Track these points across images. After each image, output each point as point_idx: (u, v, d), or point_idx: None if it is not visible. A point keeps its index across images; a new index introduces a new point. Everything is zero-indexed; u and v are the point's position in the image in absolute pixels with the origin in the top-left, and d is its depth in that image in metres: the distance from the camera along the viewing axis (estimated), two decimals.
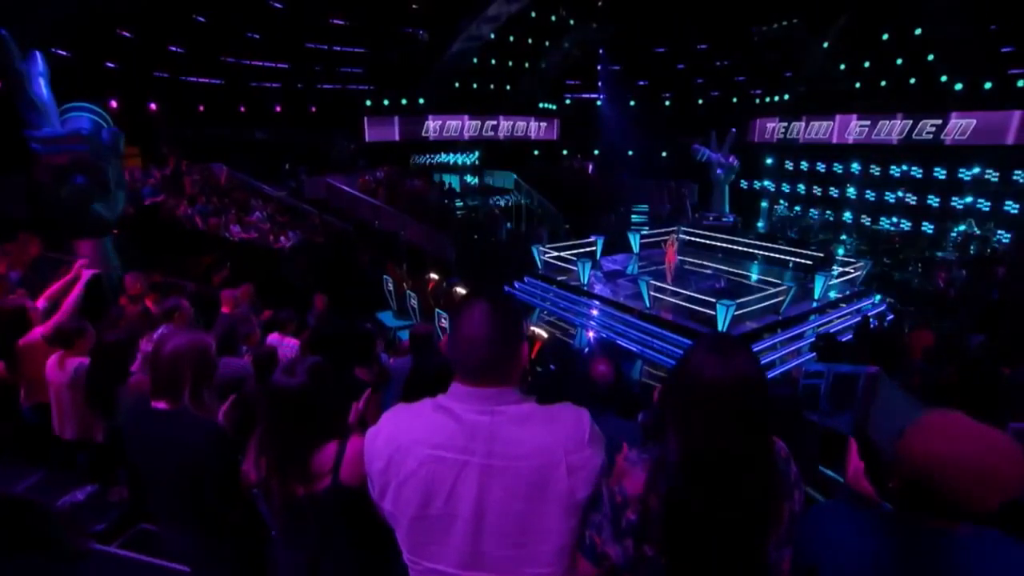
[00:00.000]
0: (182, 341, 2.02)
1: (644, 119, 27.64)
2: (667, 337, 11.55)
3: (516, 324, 1.50)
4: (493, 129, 24.94)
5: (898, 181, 20.38)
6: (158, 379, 1.96)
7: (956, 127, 17.88)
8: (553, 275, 14.97)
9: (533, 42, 24.95)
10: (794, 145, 22.86)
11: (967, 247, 17.89)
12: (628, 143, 28.06)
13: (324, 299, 6.87)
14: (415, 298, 11.15)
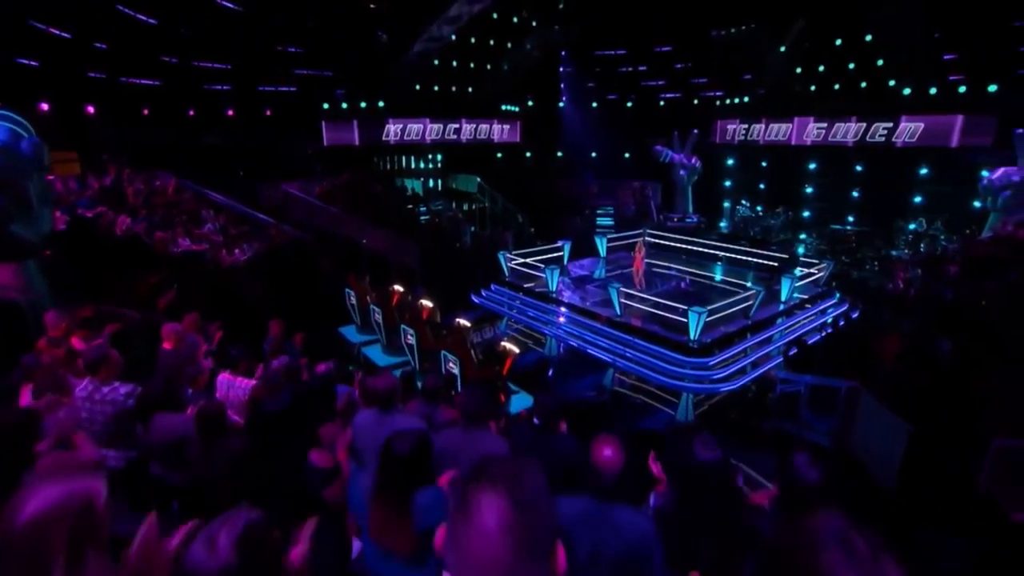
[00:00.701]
0: (50, 499, 1.31)
1: (607, 120, 27.78)
2: (639, 345, 11.41)
3: (546, 525, 1.03)
4: (456, 132, 24.56)
5: (854, 181, 20.93)
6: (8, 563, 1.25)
7: (906, 130, 18.63)
8: (520, 282, 14.77)
9: (495, 44, 24.62)
10: (755, 146, 23.33)
11: (918, 245, 18.56)
12: (591, 145, 28.14)
13: (279, 325, 6.34)
14: (379, 312, 10.65)
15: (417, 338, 9.53)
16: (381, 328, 10.80)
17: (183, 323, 5.44)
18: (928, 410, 6.20)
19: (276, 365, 5.35)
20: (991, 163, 17.12)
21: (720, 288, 14.88)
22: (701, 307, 10.93)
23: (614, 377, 11.42)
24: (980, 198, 17.31)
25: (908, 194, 19.68)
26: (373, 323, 11.07)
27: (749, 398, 9.81)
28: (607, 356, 11.59)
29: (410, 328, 9.60)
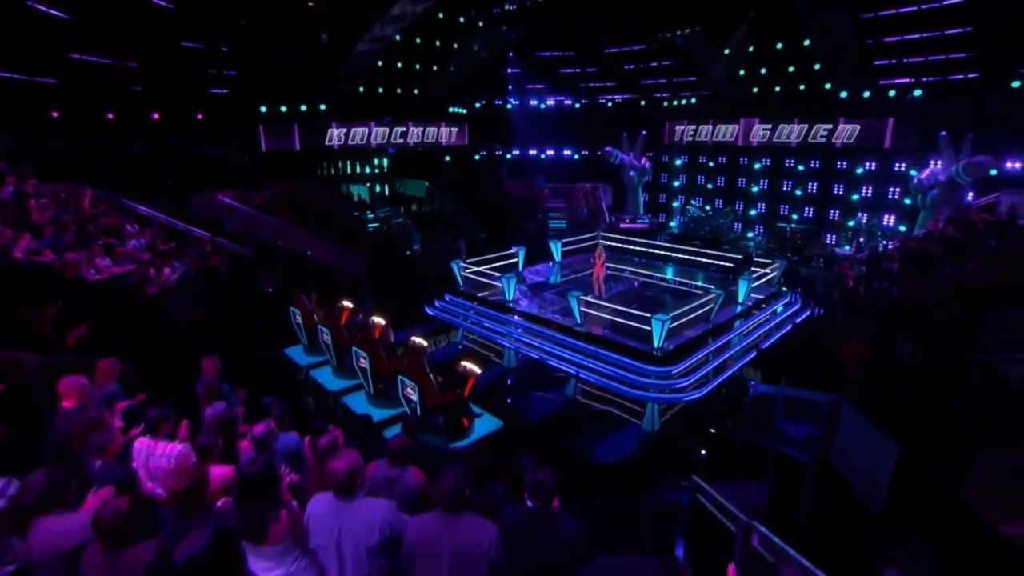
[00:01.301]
0: None
1: (555, 122, 27.59)
2: (602, 355, 11.11)
3: None
4: (402, 136, 23.76)
5: (797, 180, 21.56)
6: None
7: (844, 131, 19.33)
8: (475, 291, 14.31)
9: (441, 44, 23.90)
10: (703, 147, 23.68)
11: (858, 241, 19.14)
12: (541, 145, 27.96)
13: (214, 364, 5.55)
14: (327, 333, 9.86)
15: (370, 361, 8.82)
16: (330, 349, 10.01)
17: (97, 370, 4.59)
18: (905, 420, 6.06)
19: (209, 414, 4.61)
20: (920, 163, 18.03)
21: (675, 290, 14.90)
22: (664, 314, 10.71)
23: (576, 387, 11.00)
24: (911, 196, 18.08)
25: (846, 193, 20.36)
26: (321, 344, 10.25)
27: (722, 400, 9.65)
28: (569, 368, 11.21)
29: (362, 350, 8.88)
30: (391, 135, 22.97)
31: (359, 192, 22.25)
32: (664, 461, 8.34)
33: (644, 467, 7.70)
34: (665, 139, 24.92)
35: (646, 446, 8.70)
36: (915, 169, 18.36)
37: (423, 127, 24.32)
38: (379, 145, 23.09)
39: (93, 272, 9.05)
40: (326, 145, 21.45)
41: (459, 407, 8.14)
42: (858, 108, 18.81)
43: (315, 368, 10.75)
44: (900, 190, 19.15)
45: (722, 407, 9.53)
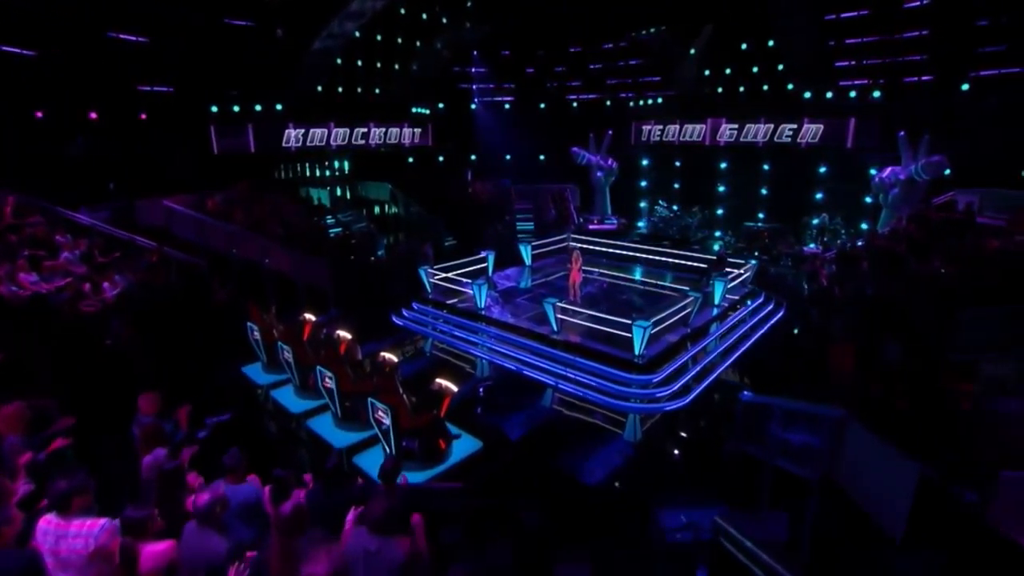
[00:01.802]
0: None
1: (520, 122, 27.23)
2: (580, 364, 10.62)
3: None
4: (364, 137, 22.84)
5: (762, 180, 21.82)
6: None
7: (808, 131, 19.60)
8: (444, 299, 13.70)
9: (403, 42, 23.12)
10: (670, 146, 23.68)
11: (822, 239, 19.54)
12: (505, 148, 27.54)
13: (153, 401, 4.79)
14: (288, 351, 9.09)
15: (336, 381, 8.12)
16: (292, 367, 9.23)
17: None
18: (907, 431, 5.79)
19: (148, 463, 3.90)
20: (880, 162, 18.32)
21: (647, 292, 14.63)
22: (644, 320, 10.31)
23: (553, 396, 10.51)
24: (872, 195, 18.39)
25: (810, 191, 20.62)
26: (283, 362, 9.46)
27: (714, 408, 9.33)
28: (546, 378, 10.72)
29: (327, 370, 8.17)
30: (352, 136, 21.93)
31: (319, 196, 21.24)
32: (652, 475, 7.94)
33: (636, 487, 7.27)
34: (632, 139, 24.87)
35: (632, 458, 8.33)
36: (875, 168, 18.69)
37: (385, 128, 23.49)
38: (339, 147, 22.18)
39: (14, 289, 8.04)
40: (283, 147, 20.42)
41: (436, 429, 7.54)
42: (821, 108, 19.06)
43: (276, 387, 9.95)
44: (861, 189, 19.42)
45: (713, 415, 9.20)
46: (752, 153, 21.45)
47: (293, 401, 9.40)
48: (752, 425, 7.17)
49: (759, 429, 7.00)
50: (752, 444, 7.10)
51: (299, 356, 9.20)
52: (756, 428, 7.08)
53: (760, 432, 6.98)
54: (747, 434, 7.29)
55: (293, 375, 9.47)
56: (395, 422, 7.17)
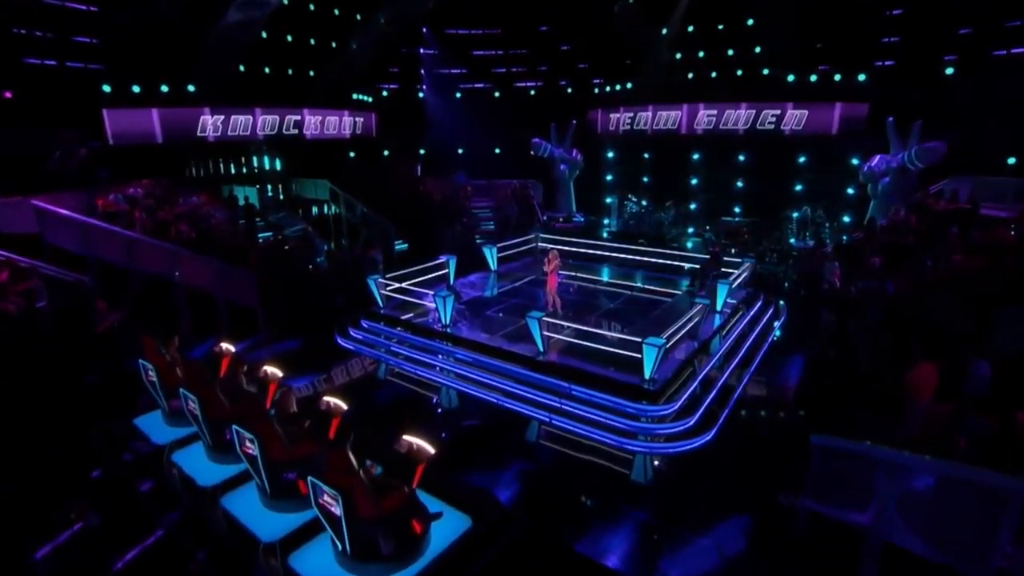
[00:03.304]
0: None
1: (475, 111, 25.70)
2: (578, 394, 8.89)
3: None
4: (296, 126, 20.43)
5: (739, 171, 20.89)
6: None
7: (792, 117, 18.76)
8: (399, 314, 11.98)
9: (341, 15, 20.74)
10: (641, 136, 22.44)
11: (803, 233, 18.74)
12: (458, 139, 26.00)
13: None
14: (194, 400, 6.77)
15: (262, 447, 5.91)
16: (201, 422, 6.92)
17: None
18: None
19: None
20: (864, 150, 17.60)
21: (633, 298, 13.40)
22: (657, 336, 8.62)
23: (539, 430, 8.74)
24: (858, 185, 17.73)
25: (790, 182, 19.87)
26: (187, 412, 7.13)
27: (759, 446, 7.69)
28: (535, 412, 8.98)
29: (247, 431, 5.93)
30: (283, 125, 19.37)
31: (246, 195, 18.69)
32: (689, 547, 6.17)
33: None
34: (599, 127, 23.69)
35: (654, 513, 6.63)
36: (857, 157, 17.99)
37: (322, 116, 21.28)
38: (268, 137, 19.62)
39: None
40: (198, 136, 17.76)
41: (409, 509, 5.48)
42: (805, 93, 18.33)
43: (182, 446, 7.58)
44: (844, 179, 18.76)
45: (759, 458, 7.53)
46: (730, 142, 20.49)
47: (205, 468, 7.08)
48: (835, 479, 5.54)
49: (847, 484, 5.39)
50: (837, 506, 5.47)
51: (209, 407, 6.89)
52: (842, 483, 5.46)
53: (850, 489, 5.36)
54: (825, 491, 5.64)
55: (203, 432, 7.14)
56: (350, 511, 5.06)
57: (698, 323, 10.49)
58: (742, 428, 8.56)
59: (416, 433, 5.76)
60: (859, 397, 7.61)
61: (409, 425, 8.22)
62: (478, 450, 8.16)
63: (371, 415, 9.00)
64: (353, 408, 6.13)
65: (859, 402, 7.49)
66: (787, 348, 11.33)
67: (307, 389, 9.75)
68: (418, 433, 5.76)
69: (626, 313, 12.17)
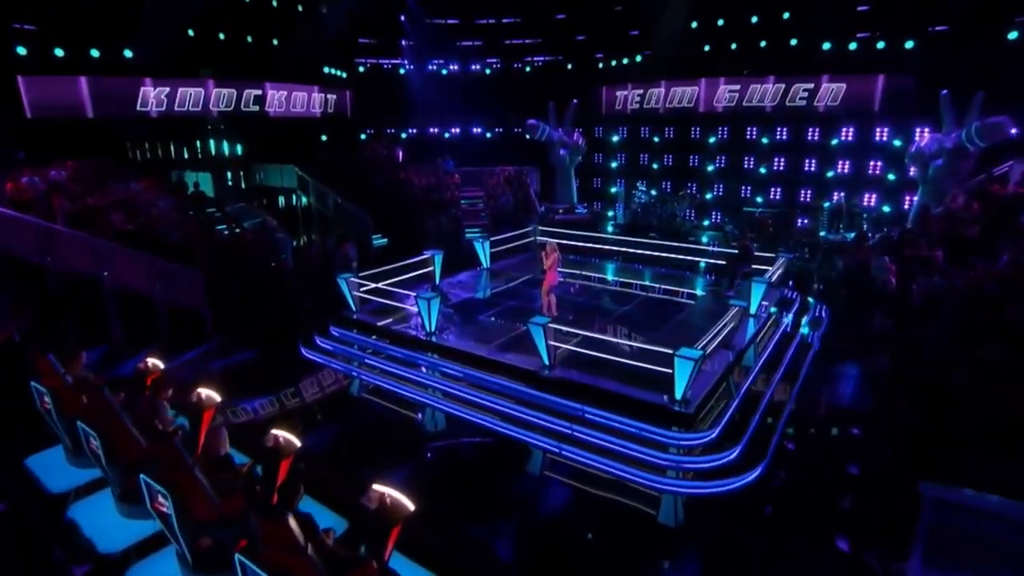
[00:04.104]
0: None
1: (463, 90, 25.25)
2: (592, 418, 7.87)
3: None
4: (257, 102, 19.34)
5: (762, 155, 20.14)
6: None
7: (828, 92, 17.89)
8: (375, 319, 11.26)
9: None
10: (654, 116, 21.64)
11: (837, 225, 17.90)
12: (446, 120, 25.63)
13: None
14: (95, 438, 5.53)
15: (176, 504, 4.67)
16: (104, 465, 5.69)
17: None
18: None
19: None
20: (907, 129, 16.95)
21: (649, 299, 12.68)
22: (689, 348, 7.51)
23: (544, 460, 7.72)
24: (910, 168, 16.69)
25: (822, 167, 19.09)
26: (88, 453, 5.90)
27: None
28: (542, 441, 7.87)
29: (159, 483, 4.68)
30: (241, 100, 18.14)
31: (195, 181, 17.67)
32: None
33: None
34: (603, 108, 23.03)
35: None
36: (900, 137, 17.22)
37: (288, 91, 20.21)
38: (223, 113, 18.43)
39: None
40: (138, 111, 16.55)
41: None
42: (843, 63, 17.48)
43: (88, 494, 6.36)
44: (882, 163, 18.03)
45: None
46: (755, 122, 19.63)
47: (108, 526, 5.82)
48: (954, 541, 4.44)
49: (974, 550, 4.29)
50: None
51: (117, 445, 5.63)
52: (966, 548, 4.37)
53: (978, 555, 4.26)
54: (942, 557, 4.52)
55: (109, 477, 5.88)
56: None
57: (733, 329, 9.39)
58: (797, 460, 7.43)
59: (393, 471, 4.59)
60: (962, 427, 6.45)
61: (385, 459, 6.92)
62: (471, 487, 7.13)
63: (338, 446, 7.94)
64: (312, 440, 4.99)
65: (963, 434, 6.33)
66: (832, 359, 10.29)
67: (259, 412, 8.73)
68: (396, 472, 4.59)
69: (642, 318, 11.33)
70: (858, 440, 7.96)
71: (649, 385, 7.92)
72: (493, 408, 8.57)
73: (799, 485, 6.97)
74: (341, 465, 7.31)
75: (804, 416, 8.45)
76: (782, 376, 9.39)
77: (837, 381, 9.53)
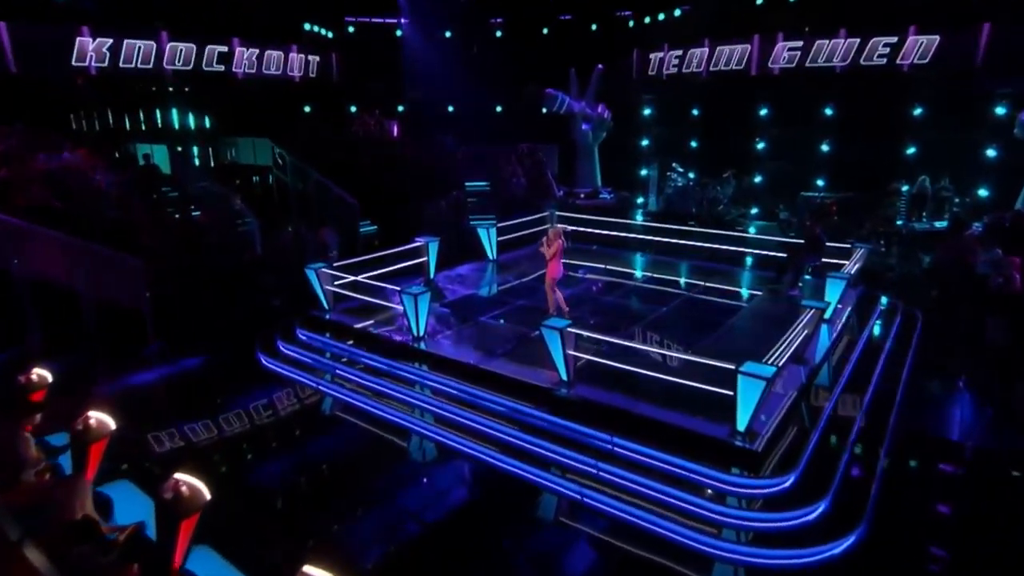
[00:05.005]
0: None
1: (470, 56, 25.12)
2: (623, 453, 6.85)
3: None
4: (223, 60, 18.65)
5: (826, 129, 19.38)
6: None
7: (915, 46, 16.87)
8: (352, 321, 10.64)
9: None
10: (695, 82, 20.84)
11: (919, 212, 17.16)
12: (448, 91, 25.20)
13: None
14: None
15: None
16: None
17: None
18: None
19: None
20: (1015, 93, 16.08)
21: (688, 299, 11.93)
22: (757, 363, 6.49)
23: (558, 503, 6.83)
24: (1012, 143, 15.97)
25: (901, 142, 18.29)
26: None
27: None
28: (559, 484, 6.84)
29: None
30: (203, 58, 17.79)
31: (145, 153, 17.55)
32: None
33: None
34: (634, 73, 22.23)
35: None
36: (1005, 104, 16.22)
37: (259, 49, 19.61)
38: (180, 73, 17.83)
39: None
40: (75, 66, 15.84)
41: None
42: (936, 10, 16.52)
43: None
44: (983, 136, 16.95)
45: None
46: (818, 87, 18.80)
47: None
48: None
49: None
50: None
51: None
52: None
53: None
54: None
55: None
56: None
57: (806, 338, 8.33)
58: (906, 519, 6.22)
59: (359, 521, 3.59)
60: None
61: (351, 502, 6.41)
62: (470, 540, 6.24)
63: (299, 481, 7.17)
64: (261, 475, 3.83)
65: None
66: (926, 374, 9.37)
67: (191, 438, 7.90)
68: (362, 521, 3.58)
69: (684, 322, 10.57)
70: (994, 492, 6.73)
71: (698, 410, 6.89)
72: (493, 437, 7.62)
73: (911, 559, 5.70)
74: (286, 513, 6.47)
75: (907, 455, 7.26)
76: (872, 400, 8.18)
77: (945, 407, 8.46)
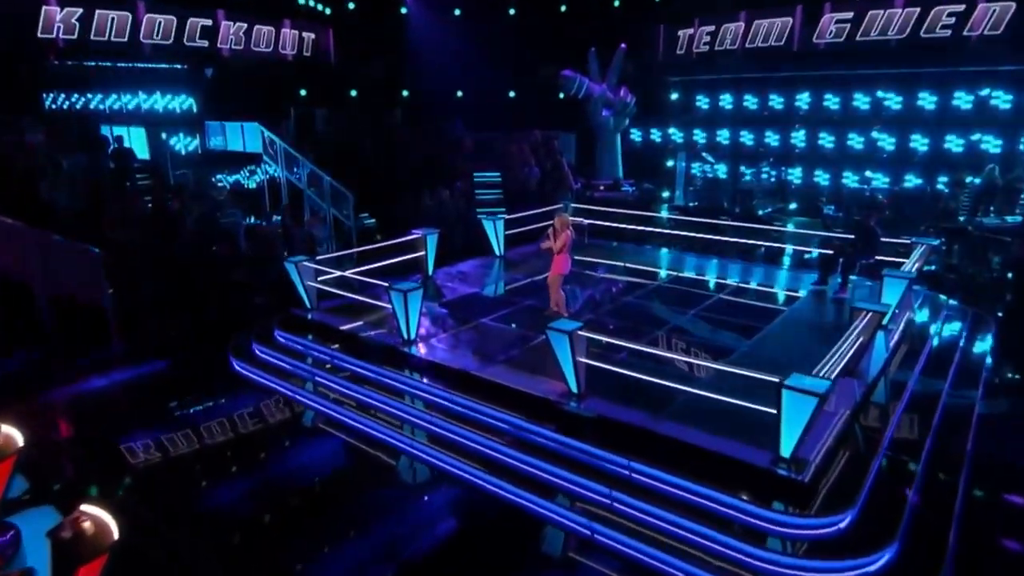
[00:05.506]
0: None
1: (480, 35, 24.81)
2: (642, 481, 6.28)
3: None
4: (207, 35, 18.69)
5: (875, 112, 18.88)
6: None
7: (986, 14, 16.18)
8: (338, 321, 10.40)
9: None
10: (728, 63, 20.64)
11: (986, 207, 16.35)
12: (456, 74, 25.17)
13: None
14: None
15: None
16: None
17: None
18: None
19: None
20: None
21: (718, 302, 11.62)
22: (806, 376, 5.91)
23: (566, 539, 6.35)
24: None
25: (965, 128, 17.66)
26: None
27: None
28: (565, 517, 6.32)
29: None
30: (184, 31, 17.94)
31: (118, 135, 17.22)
32: None
33: None
34: (660, 53, 22.23)
35: None
36: None
37: (248, 23, 19.67)
38: (159, 48, 17.87)
39: None
40: (40, 37, 15.81)
41: None
42: None
43: None
44: None
45: None
46: (870, 63, 18.25)
47: None
48: None
49: None
50: None
51: None
52: None
53: None
54: None
55: None
56: None
57: (860, 347, 7.70)
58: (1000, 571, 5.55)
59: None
60: None
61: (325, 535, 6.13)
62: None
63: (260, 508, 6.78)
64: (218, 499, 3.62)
65: None
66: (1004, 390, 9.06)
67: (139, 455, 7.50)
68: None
69: (715, 327, 10.25)
70: None
71: (732, 431, 6.28)
72: (495, 459, 7.10)
73: None
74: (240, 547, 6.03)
75: (990, 487, 6.56)
76: (941, 421, 7.46)
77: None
